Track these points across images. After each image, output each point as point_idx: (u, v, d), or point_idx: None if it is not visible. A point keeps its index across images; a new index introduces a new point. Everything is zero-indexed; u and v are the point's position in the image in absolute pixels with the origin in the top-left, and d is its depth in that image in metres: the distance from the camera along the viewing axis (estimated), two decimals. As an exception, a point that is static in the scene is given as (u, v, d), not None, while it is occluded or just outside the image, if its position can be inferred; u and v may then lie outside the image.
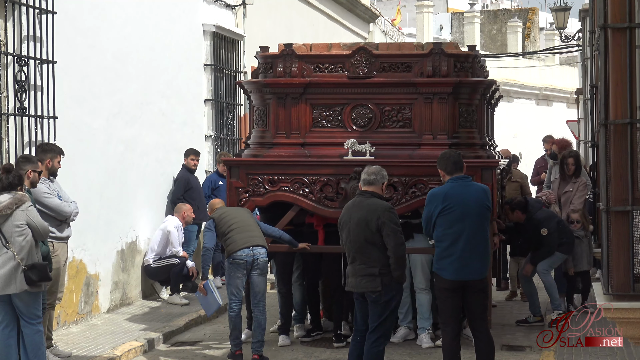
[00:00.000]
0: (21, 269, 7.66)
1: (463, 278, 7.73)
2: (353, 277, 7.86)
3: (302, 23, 18.77)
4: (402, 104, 9.66)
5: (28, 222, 7.73)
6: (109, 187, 11.32)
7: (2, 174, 7.80)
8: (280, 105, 9.77)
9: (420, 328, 9.82)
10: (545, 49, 32.06)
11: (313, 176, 9.57)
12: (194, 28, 13.78)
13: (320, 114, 9.80)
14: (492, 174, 9.33)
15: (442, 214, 7.77)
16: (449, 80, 9.50)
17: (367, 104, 9.70)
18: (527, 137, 31.94)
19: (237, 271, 9.12)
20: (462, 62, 9.64)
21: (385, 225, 7.68)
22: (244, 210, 9.47)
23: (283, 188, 9.63)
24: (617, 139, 5.72)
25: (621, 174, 5.71)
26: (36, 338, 7.83)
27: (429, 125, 9.57)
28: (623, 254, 5.69)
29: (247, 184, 9.69)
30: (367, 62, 9.65)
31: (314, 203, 9.57)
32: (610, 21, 5.73)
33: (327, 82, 9.74)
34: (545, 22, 46.08)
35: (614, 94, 5.72)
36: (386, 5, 44.20)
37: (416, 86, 9.59)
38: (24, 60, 9.46)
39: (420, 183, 9.38)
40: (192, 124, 13.67)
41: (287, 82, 9.72)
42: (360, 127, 9.71)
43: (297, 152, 9.74)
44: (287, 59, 9.76)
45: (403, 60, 9.68)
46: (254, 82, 10.00)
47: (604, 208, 5.81)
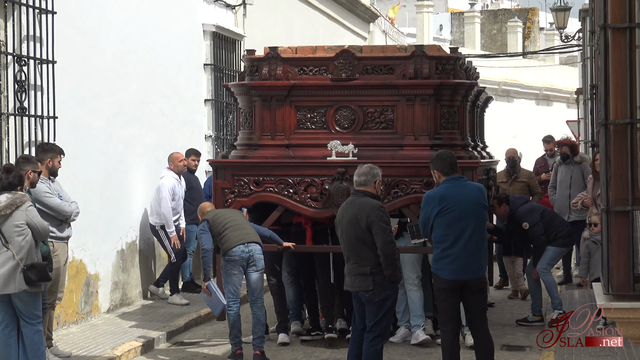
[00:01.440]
0: (20, 268, 7.67)
1: (462, 278, 7.72)
2: (348, 276, 7.90)
3: (302, 23, 18.78)
4: (384, 106, 9.76)
5: (28, 222, 7.74)
6: (109, 187, 11.32)
7: (3, 174, 7.80)
8: (266, 108, 9.90)
9: (414, 326, 9.83)
10: (545, 49, 32.07)
11: (297, 177, 9.71)
12: (194, 28, 13.78)
13: (304, 116, 9.90)
14: (472, 174, 9.34)
15: (440, 216, 7.76)
16: (430, 82, 9.59)
17: (351, 106, 9.81)
18: (527, 137, 31.95)
19: (233, 268, 9.19)
20: (443, 64, 9.73)
21: (374, 224, 7.69)
22: (235, 211, 9.64)
23: (268, 189, 9.78)
24: (617, 139, 5.72)
25: (621, 174, 5.71)
26: (35, 338, 7.83)
27: (411, 126, 9.66)
28: (623, 254, 5.70)
29: (233, 185, 9.83)
30: (350, 64, 9.75)
31: (298, 203, 9.69)
32: (610, 21, 5.73)
33: (311, 85, 9.84)
34: (545, 22, 46.10)
35: (614, 94, 5.72)
36: (386, 5, 44.18)
37: (398, 88, 9.67)
38: (24, 60, 9.46)
39: (402, 183, 9.48)
40: (192, 124, 13.68)
41: (272, 85, 9.84)
42: (343, 128, 9.81)
43: (282, 153, 9.86)
44: (272, 62, 9.89)
45: (385, 63, 9.78)
46: (240, 85, 10.12)
47: (604, 208, 5.81)
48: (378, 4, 36.17)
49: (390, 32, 27.86)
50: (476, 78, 10.56)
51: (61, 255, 8.97)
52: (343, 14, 21.78)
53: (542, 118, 33.25)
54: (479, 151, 10.53)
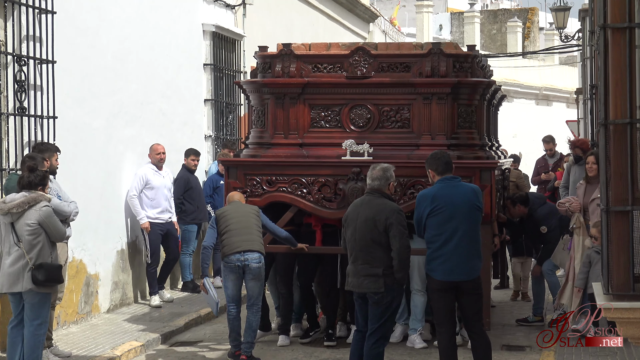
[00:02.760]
0: (29, 267, 7.68)
1: (453, 279, 7.68)
2: (355, 277, 7.81)
3: (302, 23, 18.77)
4: (400, 104, 9.61)
5: (40, 221, 7.74)
6: (109, 187, 11.31)
7: (26, 173, 7.82)
8: (279, 106, 9.74)
9: (411, 329, 9.71)
10: (545, 49, 32.08)
11: (311, 177, 9.54)
12: (193, 28, 13.78)
13: (318, 114, 9.76)
14: (490, 174, 9.27)
15: (432, 215, 7.72)
16: (448, 81, 9.45)
17: (366, 104, 9.66)
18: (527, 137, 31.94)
19: (230, 274, 9.11)
20: (461, 62, 9.58)
21: (392, 227, 7.65)
22: (246, 209, 9.28)
23: (281, 188, 9.61)
24: (617, 139, 5.71)
25: (621, 173, 5.70)
26: (33, 339, 7.82)
27: (428, 125, 9.52)
28: (623, 254, 5.69)
29: (245, 184, 9.66)
30: (366, 62, 9.61)
31: (312, 204, 9.54)
32: (610, 21, 5.72)
33: (325, 82, 9.70)
34: (545, 22, 46.09)
35: (614, 94, 5.72)
36: (386, 5, 44.20)
37: (414, 86, 9.54)
38: (24, 60, 9.46)
39: (419, 184, 9.28)
40: (192, 124, 13.67)
41: (285, 82, 9.69)
42: (358, 127, 9.68)
43: (295, 152, 9.70)
44: (286, 59, 9.73)
45: (402, 61, 9.63)
46: (253, 82, 9.96)
47: (604, 208, 5.80)
48: (378, 4, 36.17)
49: (390, 32, 27.86)
50: (490, 76, 10.46)
51: (61, 255, 8.95)
52: (343, 14, 21.78)
53: (541, 118, 33.26)
54: (495, 151, 10.43)
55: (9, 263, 7.77)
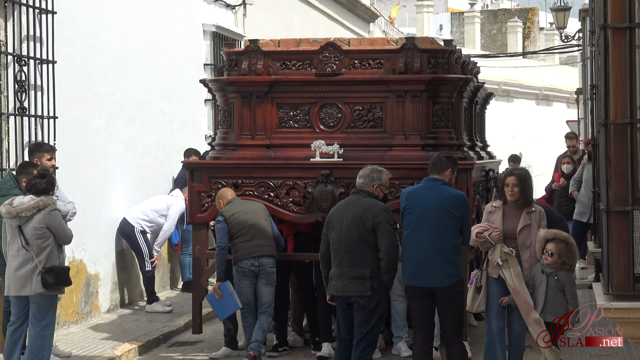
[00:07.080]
0: (38, 271, 7.67)
1: (420, 284, 7.47)
2: (339, 279, 7.56)
3: (302, 23, 18.78)
4: (372, 103, 9.09)
5: (48, 225, 7.73)
6: (108, 187, 11.31)
7: (37, 179, 7.80)
8: (245, 105, 9.23)
9: (396, 337, 9.26)
10: (545, 49, 32.08)
11: (279, 179, 9.09)
12: (194, 28, 13.78)
13: (286, 114, 9.24)
14: (467, 176, 8.74)
15: (404, 214, 7.57)
16: (421, 77, 8.91)
17: (336, 103, 9.14)
18: (527, 137, 31.95)
19: (243, 279, 8.92)
20: (437, 58, 9.04)
21: (380, 225, 7.46)
22: (257, 207, 9.01)
23: (247, 192, 9.14)
24: (617, 139, 5.72)
25: (621, 174, 5.71)
26: (38, 341, 7.78)
27: (401, 125, 9.01)
28: (623, 254, 5.69)
29: (210, 188, 9.21)
30: (336, 58, 9.08)
31: (279, 208, 9.10)
32: (610, 21, 5.72)
33: (293, 80, 9.18)
34: (545, 22, 46.11)
35: (614, 94, 5.72)
36: (386, 5, 44.22)
37: (387, 84, 9.01)
38: (24, 60, 9.46)
39: (392, 187, 8.61)
40: (192, 124, 13.67)
41: (252, 80, 9.16)
42: (328, 127, 9.17)
43: (262, 154, 9.22)
44: (253, 56, 9.21)
45: (374, 57, 9.10)
46: (217, 80, 9.46)
47: (604, 208, 5.80)
48: (378, 4, 36.17)
49: (390, 32, 27.88)
50: (476, 74, 10.11)
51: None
52: (343, 14, 21.79)
53: (542, 118, 33.30)
54: (477, 151, 9.97)
55: (15, 266, 7.72)
